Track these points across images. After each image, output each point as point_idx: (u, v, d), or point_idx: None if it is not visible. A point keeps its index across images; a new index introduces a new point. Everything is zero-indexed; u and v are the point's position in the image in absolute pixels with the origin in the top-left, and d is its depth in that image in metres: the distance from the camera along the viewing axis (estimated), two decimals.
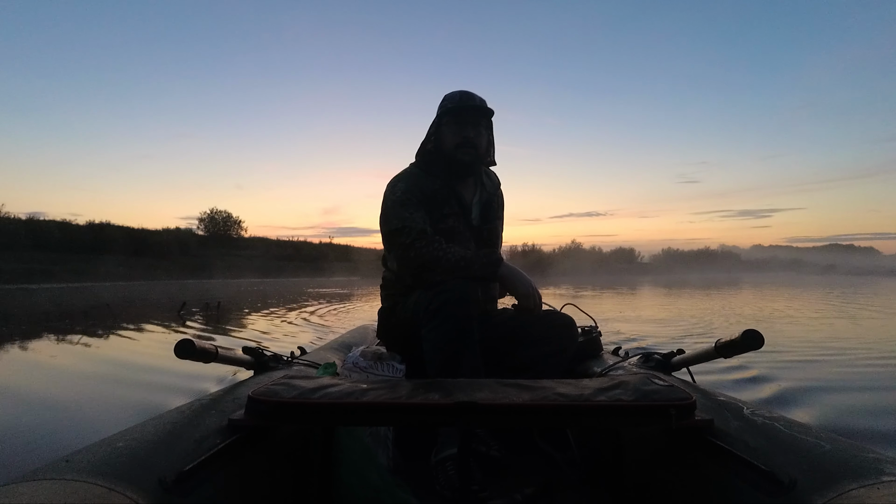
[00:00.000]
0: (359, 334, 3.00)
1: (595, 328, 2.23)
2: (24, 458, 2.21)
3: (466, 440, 1.44)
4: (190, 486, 0.93)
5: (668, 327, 7.51)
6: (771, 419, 1.16)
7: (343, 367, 1.78)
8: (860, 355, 5.03)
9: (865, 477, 0.87)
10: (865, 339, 6.27)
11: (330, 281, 32.25)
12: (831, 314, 9.83)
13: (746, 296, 16.56)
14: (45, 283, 23.53)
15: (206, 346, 1.36)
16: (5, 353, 5.64)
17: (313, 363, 1.88)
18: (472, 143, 1.89)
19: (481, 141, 1.92)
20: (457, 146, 1.89)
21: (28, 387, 3.91)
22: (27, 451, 2.38)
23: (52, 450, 2.34)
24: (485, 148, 1.97)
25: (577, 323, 1.95)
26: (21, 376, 4.38)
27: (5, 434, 2.61)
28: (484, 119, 1.93)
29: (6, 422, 2.84)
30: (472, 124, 1.90)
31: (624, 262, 57.88)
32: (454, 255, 1.73)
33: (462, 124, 1.89)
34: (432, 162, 1.95)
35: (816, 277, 40.50)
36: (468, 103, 1.90)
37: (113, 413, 3.05)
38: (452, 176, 1.93)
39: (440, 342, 1.62)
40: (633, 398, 1.13)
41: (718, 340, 1.38)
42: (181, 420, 1.16)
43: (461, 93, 1.93)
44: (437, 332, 1.63)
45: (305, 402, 1.13)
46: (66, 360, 5.13)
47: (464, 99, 1.91)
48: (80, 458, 0.92)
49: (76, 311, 10.40)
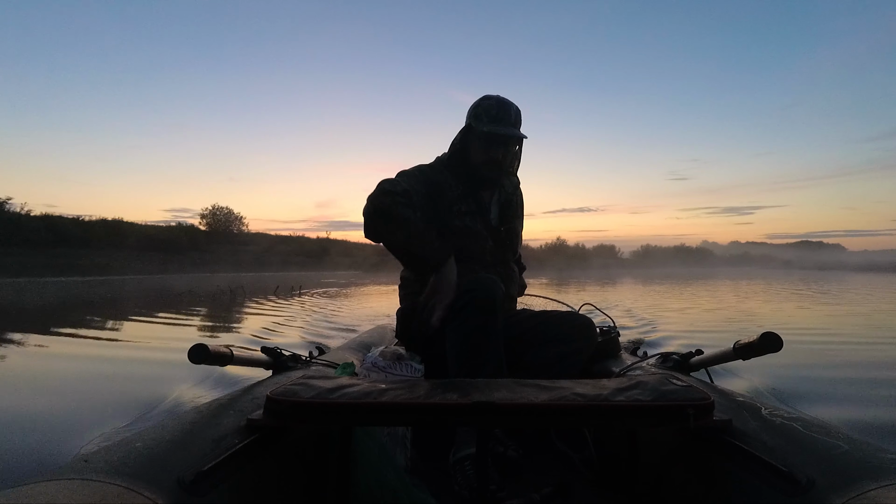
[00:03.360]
0: (377, 334, 3.01)
1: (613, 328, 2.22)
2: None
3: (484, 440, 1.44)
4: (208, 486, 0.94)
5: (634, 315, 8.70)
6: (790, 419, 1.15)
7: (361, 367, 1.79)
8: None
9: (884, 477, 0.86)
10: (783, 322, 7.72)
11: (337, 274, 35.77)
12: (758, 304, 11.59)
13: (699, 287, 19.58)
14: (73, 277, 26.65)
15: (220, 350, 1.37)
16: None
17: (331, 363, 1.89)
18: (500, 165, 1.88)
19: (509, 161, 1.92)
20: (483, 163, 1.88)
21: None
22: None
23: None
24: (512, 163, 1.96)
25: (595, 323, 1.94)
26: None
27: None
28: (518, 141, 1.92)
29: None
30: (504, 147, 1.87)
31: (605, 258, 59.35)
32: (419, 228, 1.68)
33: (492, 144, 1.86)
34: (459, 165, 1.94)
35: (777, 272, 46.94)
36: (502, 129, 1.84)
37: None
38: (477, 185, 1.93)
39: (464, 341, 1.62)
40: (651, 398, 1.12)
41: (737, 342, 1.36)
42: (199, 420, 1.17)
43: (497, 106, 1.86)
44: (461, 331, 1.62)
45: (324, 402, 1.13)
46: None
47: (499, 117, 1.85)
48: (99, 458, 0.93)
49: (204, 293, 14.72)
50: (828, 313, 9.34)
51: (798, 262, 72.17)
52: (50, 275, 25.84)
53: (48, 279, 23.45)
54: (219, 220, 55.58)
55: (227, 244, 50.51)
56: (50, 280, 22.84)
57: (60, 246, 34.77)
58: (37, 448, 2.30)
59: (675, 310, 9.91)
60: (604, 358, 2.04)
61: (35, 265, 28.24)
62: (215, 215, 55.86)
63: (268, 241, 58.88)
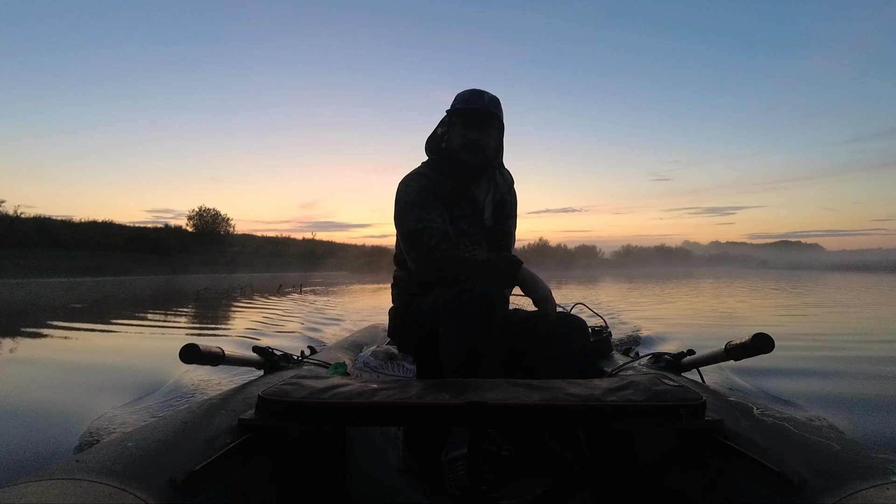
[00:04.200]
0: (369, 334, 3.00)
1: (605, 328, 2.22)
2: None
3: (477, 440, 1.43)
4: (200, 486, 0.94)
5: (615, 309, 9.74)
6: (781, 419, 1.16)
7: (354, 367, 1.79)
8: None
9: (875, 477, 0.87)
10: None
11: (328, 275, 36.97)
12: (724, 303, 12.30)
13: (676, 286, 21.06)
14: (72, 277, 28.69)
15: (212, 350, 1.36)
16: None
17: (323, 363, 1.89)
18: (478, 145, 1.88)
19: (488, 143, 1.90)
20: (461, 147, 1.88)
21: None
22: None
23: None
24: (494, 149, 1.95)
25: (587, 323, 1.94)
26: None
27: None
28: (494, 120, 1.91)
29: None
30: (478, 126, 1.88)
31: (587, 259, 60.43)
32: (479, 257, 1.72)
33: (467, 126, 1.88)
34: (444, 161, 1.94)
35: (753, 272, 49.23)
36: (473, 105, 1.88)
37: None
38: (463, 176, 1.92)
39: (460, 341, 1.62)
40: (643, 398, 1.12)
41: (729, 343, 1.37)
42: (191, 420, 1.16)
43: (470, 92, 1.91)
44: (457, 331, 1.62)
45: (315, 401, 1.13)
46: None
47: (471, 100, 1.89)
48: (91, 458, 0.92)
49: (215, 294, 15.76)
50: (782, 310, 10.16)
51: (773, 262, 75.68)
52: (47, 275, 27.37)
53: (48, 280, 25.51)
54: (205, 222, 56.73)
55: (214, 245, 51.83)
56: (50, 281, 24.81)
57: (54, 248, 35.56)
58: (37, 445, 2.33)
59: (649, 307, 10.76)
60: (596, 358, 2.05)
61: (32, 267, 28.97)
62: (202, 217, 57.10)
63: (255, 242, 60.55)
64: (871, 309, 10.26)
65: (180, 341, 1.36)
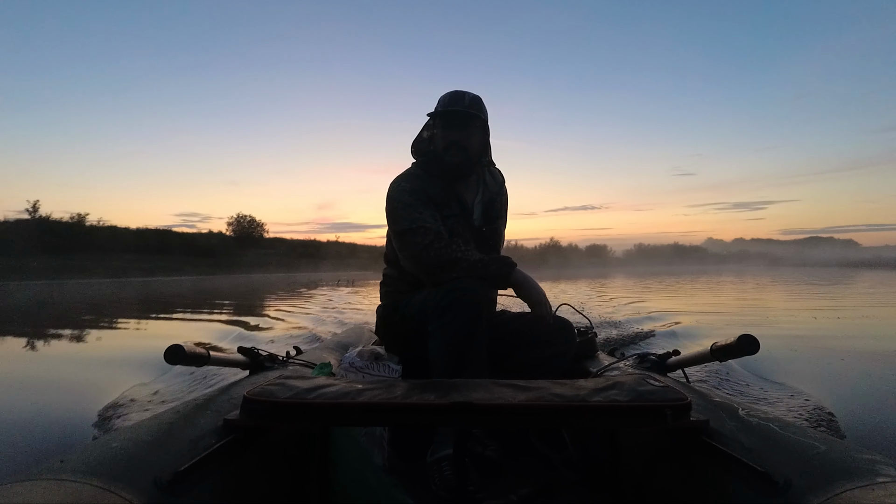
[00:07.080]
0: (354, 334, 2.99)
1: (591, 329, 2.23)
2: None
3: (462, 440, 1.43)
4: (185, 487, 0.93)
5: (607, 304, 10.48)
6: (766, 420, 1.16)
7: (339, 367, 1.78)
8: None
9: (860, 478, 0.87)
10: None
11: (358, 273, 43.39)
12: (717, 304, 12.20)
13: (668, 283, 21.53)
14: (141, 278, 34.05)
15: (196, 351, 1.35)
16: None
17: (309, 363, 1.88)
18: (460, 146, 1.88)
19: (471, 143, 1.91)
20: (445, 148, 1.89)
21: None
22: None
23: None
24: (478, 149, 1.95)
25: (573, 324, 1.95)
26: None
27: None
28: (474, 121, 1.91)
29: None
30: (459, 127, 1.89)
31: (596, 258, 61.81)
32: (472, 257, 1.72)
33: (449, 127, 1.89)
34: (432, 162, 1.94)
35: (767, 270, 47.81)
36: (453, 108, 1.89)
37: None
38: (450, 177, 1.93)
39: (448, 340, 1.62)
40: (628, 399, 1.13)
41: (714, 344, 1.38)
42: (176, 420, 1.16)
43: (451, 94, 1.92)
44: (445, 330, 1.62)
45: (301, 402, 1.12)
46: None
47: (452, 101, 1.89)
48: (76, 459, 0.92)
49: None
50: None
51: (794, 259, 75.28)
52: (134, 276, 34.91)
53: (132, 279, 32.52)
54: (243, 227, 65.08)
55: (251, 248, 58.40)
56: (134, 280, 31.99)
57: (127, 252, 43.04)
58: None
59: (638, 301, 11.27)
60: (581, 358, 2.05)
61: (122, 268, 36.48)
62: (240, 222, 65.70)
63: (286, 245, 67.01)
64: (870, 309, 9.65)
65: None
